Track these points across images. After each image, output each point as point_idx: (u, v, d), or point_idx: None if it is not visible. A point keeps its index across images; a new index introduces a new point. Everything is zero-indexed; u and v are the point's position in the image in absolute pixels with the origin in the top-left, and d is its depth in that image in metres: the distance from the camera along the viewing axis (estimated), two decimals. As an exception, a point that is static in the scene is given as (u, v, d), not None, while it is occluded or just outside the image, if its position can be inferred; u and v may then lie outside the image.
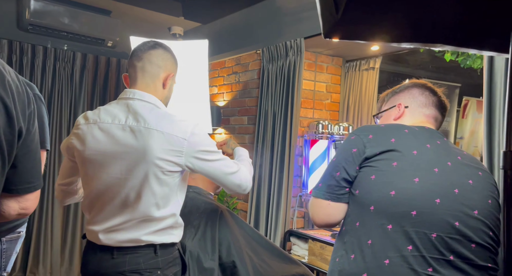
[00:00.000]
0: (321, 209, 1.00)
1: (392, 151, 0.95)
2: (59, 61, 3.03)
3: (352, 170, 0.97)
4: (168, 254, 1.17)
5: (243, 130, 3.00)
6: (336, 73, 2.85)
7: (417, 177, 0.92)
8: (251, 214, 2.66)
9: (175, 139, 1.12)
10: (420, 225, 0.89)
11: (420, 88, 1.12)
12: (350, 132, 1.07)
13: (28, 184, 0.77)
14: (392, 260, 0.88)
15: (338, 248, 0.99)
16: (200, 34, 3.33)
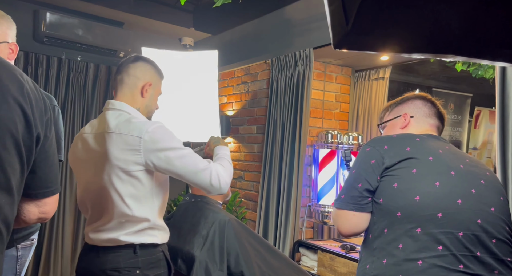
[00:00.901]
0: (346, 220, 1.05)
1: (410, 158, 1.01)
2: (72, 71, 3.10)
3: (373, 180, 1.02)
4: (149, 255, 1.20)
5: (252, 139, 3.00)
6: (345, 83, 2.85)
7: (438, 181, 0.98)
8: (260, 223, 2.65)
9: (130, 138, 1.17)
10: (447, 225, 0.95)
11: (422, 99, 1.20)
12: (364, 145, 1.11)
13: (46, 189, 0.79)
14: (424, 261, 0.93)
15: (368, 255, 1.02)
16: (210, 44, 3.37)
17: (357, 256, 2.04)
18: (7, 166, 0.69)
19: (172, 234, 1.42)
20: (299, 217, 2.48)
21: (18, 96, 0.71)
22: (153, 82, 1.33)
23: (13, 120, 0.70)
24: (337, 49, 0.53)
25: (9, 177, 0.69)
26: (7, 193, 0.70)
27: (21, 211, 0.78)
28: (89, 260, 1.20)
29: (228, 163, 1.31)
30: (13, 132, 0.69)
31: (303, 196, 2.57)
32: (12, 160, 0.70)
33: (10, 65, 0.74)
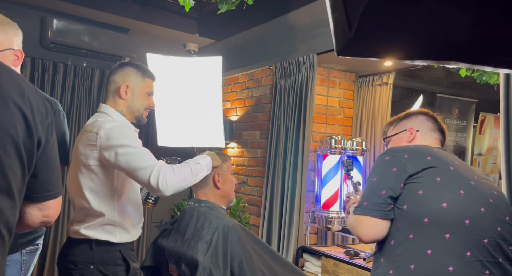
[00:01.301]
0: (369, 227, 1.07)
1: (432, 167, 1.06)
2: (78, 77, 3.13)
3: (397, 188, 1.05)
4: (104, 252, 1.27)
5: (256, 144, 3.00)
6: (349, 88, 2.85)
7: (462, 189, 1.03)
8: (263, 229, 2.64)
9: (90, 134, 1.29)
10: (473, 232, 0.99)
11: (425, 115, 1.27)
12: (381, 154, 1.15)
13: (48, 192, 0.80)
14: (455, 267, 0.96)
15: (389, 261, 1.04)
16: (214, 50, 3.40)
17: (361, 262, 2.03)
18: (8, 170, 0.70)
19: (176, 239, 1.42)
20: (303, 222, 2.47)
21: (19, 101, 0.72)
22: (131, 83, 1.41)
23: (13, 125, 0.71)
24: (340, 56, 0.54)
25: (10, 181, 0.70)
26: (8, 197, 0.70)
27: (24, 214, 0.78)
28: (61, 250, 1.32)
29: (186, 169, 1.30)
30: (13, 137, 0.70)
31: (306, 201, 2.56)
32: (13, 164, 0.71)
33: (11, 70, 0.76)
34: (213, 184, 1.49)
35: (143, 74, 1.45)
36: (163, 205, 3.37)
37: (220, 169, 1.51)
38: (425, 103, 3.66)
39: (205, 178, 1.49)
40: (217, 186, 1.49)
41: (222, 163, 1.52)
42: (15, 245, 1.18)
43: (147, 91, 1.45)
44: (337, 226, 2.48)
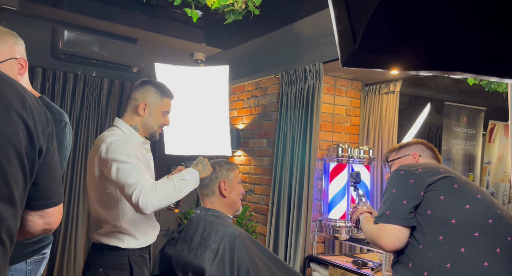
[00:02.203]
0: (392, 235, 1.14)
1: (447, 176, 1.17)
2: (87, 87, 3.18)
3: (418, 196, 1.14)
4: (113, 256, 1.37)
5: (262, 153, 3.01)
6: (355, 96, 2.85)
7: (479, 195, 1.14)
8: (270, 238, 2.62)
9: (97, 147, 1.39)
10: (497, 230, 1.08)
11: (424, 145, 1.42)
12: (395, 170, 1.25)
13: (49, 200, 0.81)
14: (489, 262, 1.03)
15: (421, 265, 1.10)
16: (221, 59, 3.43)
17: (369, 272, 2.00)
18: (11, 179, 0.71)
19: (182, 248, 1.42)
20: (310, 231, 2.46)
21: (21, 110, 0.73)
22: (150, 102, 1.51)
23: (16, 134, 0.72)
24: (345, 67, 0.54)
25: (12, 189, 0.71)
26: (10, 205, 0.71)
27: (26, 222, 0.79)
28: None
29: (168, 187, 1.32)
30: (16, 146, 0.72)
31: (313, 210, 2.55)
32: (15, 172, 0.72)
33: (12, 80, 0.77)
34: (219, 193, 1.50)
35: (162, 94, 1.53)
36: (170, 213, 3.37)
37: (226, 178, 1.51)
38: (433, 111, 3.64)
39: (211, 187, 1.49)
40: (223, 194, 1.49)
41: (229, 172, 1.52)
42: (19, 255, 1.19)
43: (163, 110, 1.53)
44: (345, 235, 2.46)
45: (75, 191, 3.06)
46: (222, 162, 1.56)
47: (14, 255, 1.17)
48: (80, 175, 3.10)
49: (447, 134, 3.39)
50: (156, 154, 3.39)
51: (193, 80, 2.88)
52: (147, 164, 1.50)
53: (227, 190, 1.50)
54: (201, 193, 1.53)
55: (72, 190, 3.06)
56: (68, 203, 3.05)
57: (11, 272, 1.17)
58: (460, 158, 3.46)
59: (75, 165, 3.09)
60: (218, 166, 1.54)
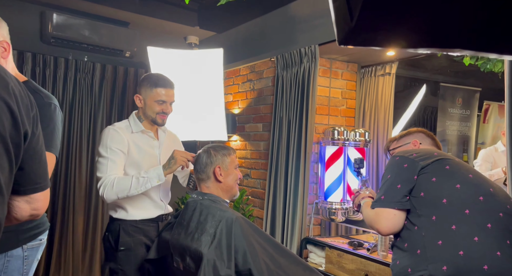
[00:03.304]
0: (387, 219, 1.18)
1: (440, 159, 1.21)
2: (79, 72, 3.12)
3: (411, 180, 1.19)
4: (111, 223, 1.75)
5: (258, 137, 3.00)
6: (351, 79, 2.83)
7: (471, 174, 1.18)
8: (267, 221, 2.65)
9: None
10: (489, 207, 1.12)
11: (424, 133, 1.46)
12: (392, 156, 1.30)
13: (36, 185, 0.79)
14: (480, 237, 1.07)
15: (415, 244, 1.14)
16: (215, 43, 3.37)
17: (365, 253, 2.03)
18: None
19: (179, 232, 1.43)
20: (306, 214, 2.48)
21: (4, 94, 0.71)
22: (142, 94, 1.72)
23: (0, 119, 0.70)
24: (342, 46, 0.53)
25: None
26: None
27: (12, 208, 0.78)
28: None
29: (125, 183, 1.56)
30: (0, 131, 0.69)
31: (310, 193, 2.57)
32: (0, 158, 0.70)
33: None
34: (214, 178, 1.50)
35: (152, 85, 1.72)
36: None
37: (222, 163, 1.51)
38: (428, 93, 3.63)
39: (206, 172, 1.49)
40: (218, 179, 1.49)
41: (224, 157, 1.52)
42: (15, 241, 1.19)
43: (156, 99, 1.70)
44: (341, 217, 2.49)
45: (71, 177, 3.05)
46: (218, 147, 1.56)
47: (10, 241, 1.17)
48: (75, 161, 3.08)
49: (442, 116, 3.40)
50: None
51: (187, 64, 2.84)
52: (142, 150, 1.70)
53: (223, 175, 1.50)
54: (197, 178, 1.53)
55: (68, 176, 3.05)
56: (65, 189, 3.05)
57: (8, 258, 1.18)
58: (454, 139, 3.48)
59: (70, 151, 3.07)
60: (214, 151, 1.53)
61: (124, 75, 3.36)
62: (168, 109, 1.73)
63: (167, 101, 1.71)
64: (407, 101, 3.50)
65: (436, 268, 1.06)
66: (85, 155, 3.13)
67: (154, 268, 1.57)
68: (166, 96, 1.71)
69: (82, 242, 3.10)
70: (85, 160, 3.13)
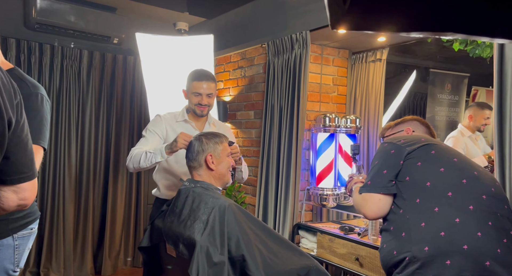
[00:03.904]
0: (373, 204, 1.21)
1: (427, 144, 1.23)
2: (66, 59, 3.05)
3: (397, 165, 1.21)
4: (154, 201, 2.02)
5: (250, 125, 2.99)
6: (342, 65, 2.83)
7: (455, 158, 1.21)
8: (259, 208, 2.67)
9: None
10: (472, 189, 1.14)
11: (419, 121, 1.48)
12: (381, 143, 1.32)
13: (22, 174, 0.78)
14: (461, 218, 1.09)
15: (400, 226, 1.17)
16: (205, 29, 3.32)
17: (356, 237, 2.07)
18: None
19: (172, 219, 1.43)
20: (298, 200, 2.51)
21: None
22: (186, 88, 1.93)
23: None
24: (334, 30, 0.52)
25: None
26: None
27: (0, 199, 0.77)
28: None
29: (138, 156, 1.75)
30: None
31: (301, 179, 2.59)
32: None
33: None
34: (206, 166, 1.49)
35: (190, 79, 1.90)
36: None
37: (214, 151, 1.50)
38: (418, 79, 3.65)
39: (198, 160, 1.49)
40: (210, 167, 1.49)
41: (216, 145, 1.51)
42: (5, 230, 1.17)
43: (192, 92, 1.88)
44: (332, 202, 2.52)
45: (60, 166, 3.02)
46: (210, 135, 1.55)
47: (0, 231, 1.16)
48: (64, 149, 3.04)
49: (431, 101, 3.43)
50: (142, 127, 3.34)
51: (177, 51, 2.80)
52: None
53: (215, 163, 1.50)
54: (189, 166, 1.53)
55: (57, 165, 3.02)
56: (54, 178, 3.02)
57: None
58: (443, 125, 3.52)
59: (58, 139, 3.03)
60: (206, 138, 1.52)
61: (112, 62, 3.29)
62: (203, 101, 1.87)
63: (202, 93, 1.86)
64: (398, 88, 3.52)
65: (419, 249, 1.09)
66: (74, 143, 3.09)
67: (147, 256, 1.58)
68: (201, 88, 1.85)
69: (73, 231, 3.09)
70: (74, 148, 3.09)
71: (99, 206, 3.26)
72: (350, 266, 2.04)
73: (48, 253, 2.99)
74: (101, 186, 3.24)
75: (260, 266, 1.26)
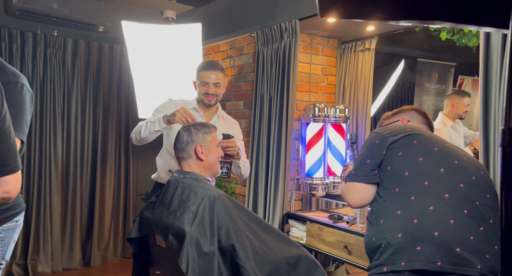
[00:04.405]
0: (356, 193, 1.24)
1: (410, 134, 1.25)
2: (49, 47, 2.97)
3: (380, 154, 1.23)
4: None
5: (240, 115, 2.98)
6: (331, 55, 2.82)
7: (436, 147, 1.22)
8: (250, 198, 2.68)
9: None
10: (450, 178, 1.15)
11: (416, 111, 1.48)
12: (370, 133, 1.35)
13: (5, 167, 0.76)
14: (435, 207, 1.11)
15: (380, 214, 1.20)
16: (193, 17, 3.26)
17: (344, 225, 2.11)
18: None
19: (161, 210, 1.43)
20: (288, 190, 2.52)
21: None
22: (195, 79, 1.93)
23: None
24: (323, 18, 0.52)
25: None
26: None
27: None
28: None
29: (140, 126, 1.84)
30: None
31: (291, 169, 2.60)
32: None
33: None
34: (196, 156, 1.49)
35: (198, 69, 1.91)
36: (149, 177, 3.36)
37: (203, 141, 1.49)
38: (406, 68, 3.68)
39: (187, 150, 1.48)
40: (200, 158, 1.48)
41: (205, 135, 1.50)
42: None
43: (200, 81, 1.89)
44: (321, 192, 2.55)
45: (46, 157, 2.97)
46: (198, 125, 1.54)
47: None
48: (49, 140, 2.99)
49: (419, 91, 3.47)
50: (130, 117, 3.30)
51: (164, 40, 2.75)
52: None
53: (204, 153, 1.49)
54: (178, 157, 1.52)
55: (43, 156, 2.97)
56: (40, 170, 2.97)
57: None
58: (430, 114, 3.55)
59: (43, 129, 2.97)
60: (195, 129, 1.51)
61: (98, 51, 3.22)
62: (210, 90, 1.86)
63: (209, 82, 1.86)
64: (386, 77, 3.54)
65: (393, 236, 1.12)
66: (60, 133, 3.03)
67: (136, 247, 1.58)
68: (208, 78, 1.86)
69: (61, 223, 3.06)
70: (60, 139, 3.04)
71: (87, 197, 3.22)
72: (339, 253, 2.08)
73: (36, 245, 2.96)
74: (88, 177, 3.20)
75: (250, 256, 1.27)
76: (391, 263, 1.11)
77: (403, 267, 1.08)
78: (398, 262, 1.09)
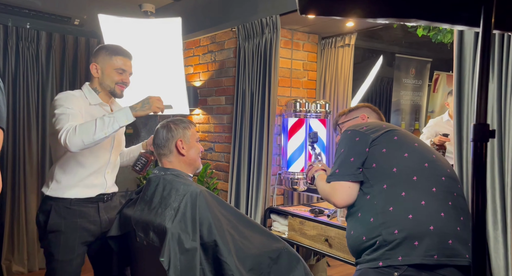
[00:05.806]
0: (342, 192, 1.23)
1: (389, 131, 1.27)
2: (22, 40, 2.86)
3: (363, 152, 1.23)
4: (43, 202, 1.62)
5: (221, 110, 2.97)
6: (312, 50, 2.84)
7: (416, 143, 1.27)
8: (232, 193, 2.69)
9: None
10: (433, 172, 1.20)
11: (370, 107, 1.54)
12: (343, 131, 1.33)
13: None
14: (426, 201, 1.15)
15: (367, 212, 1.20)
16: (173, 11, 3.21)
17: (325, 219, 2.14)
18: None
19: (142, 208, 1.41)
20: (270, 184, 2.54)
21: None
22: (100, 62, 1.61)
23: None
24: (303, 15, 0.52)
25: None
26: None
27: None
28: None
29: (89, 125, 1.39)
30: None
31: (273, 164, 2.62)
32: None
33: None
34: (177, 152, 1.47)
35: (111, 53, 1.61)
36: (129, 174, 3.30)
37: (183, 136, 1.48)
38: (384, 64, 3.75)
39: (168, 146, 1.46)
40: (181, 153, 1.47)
41: (185, 130, 1.49)
42: None
43: (115, 68, 1.61)
44: (303, 186, 2.58)
45: (20, 153, 2.87)
46: (177, 121, 1.52)
47: None
48: (23, 135, 2.89)
49: (397, 86, 3.55)
50: (108, 114, 3.23)
51: (143, 34, 2.69)
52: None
53: (185, 149, 1.48)
54: (159, 153, 1.50)
55: (16, 153, 2.87)
56: (13, 166, 2.87)
57: None
58: (408, 108, 3.66)
59: (17, 125, 2.87)
60: (174, 124, 1.49)
61: (74, 44, 3.12)
62: (127, 80, 1.65)
63: (127, 70, 1.64)
64: (365, 73, 3.60)
65: (389, 233, 1.13)
66: (35, 129, 2.94)
67: (117, 245, 1.56)
68: (126, 65, 1.63)
69: (38, 222, 2.98)
70: (35, 134, 2.94)
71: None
72: (320, 247, 2.12)
73: (10, 245, 2.87)
74: (66, 175, 3.12)
75: (232, 251, 1.27)
76: (387, 258, 1.12)
77: (401, 262, 1.10)
78: (395, 257, 1.11)
